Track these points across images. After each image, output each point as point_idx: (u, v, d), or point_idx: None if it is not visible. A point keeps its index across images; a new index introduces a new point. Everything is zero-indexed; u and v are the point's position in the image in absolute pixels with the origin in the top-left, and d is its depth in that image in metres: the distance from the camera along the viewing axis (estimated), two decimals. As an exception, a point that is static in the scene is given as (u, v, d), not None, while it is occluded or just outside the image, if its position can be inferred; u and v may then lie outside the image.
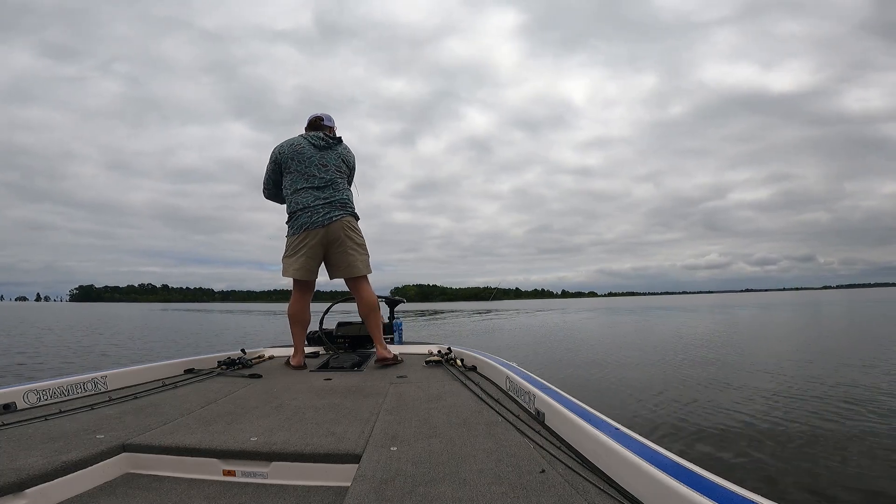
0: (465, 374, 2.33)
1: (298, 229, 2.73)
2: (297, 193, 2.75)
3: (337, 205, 2.75)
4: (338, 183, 2.79)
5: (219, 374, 2.50)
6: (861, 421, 3.67)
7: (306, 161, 2.75)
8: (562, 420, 1.42)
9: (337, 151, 2.84)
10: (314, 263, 2.78)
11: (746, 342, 10.13)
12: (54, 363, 8.06)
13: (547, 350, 9.41)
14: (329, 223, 2.71)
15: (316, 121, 2.95)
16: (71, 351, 10.15)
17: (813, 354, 7.77)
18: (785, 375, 5.73)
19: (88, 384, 2.04)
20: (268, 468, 1.27)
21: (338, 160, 2.82)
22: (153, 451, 1.33)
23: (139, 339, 13.14)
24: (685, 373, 6.08)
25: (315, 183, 2.74)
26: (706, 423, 3.70)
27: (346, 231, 2.76)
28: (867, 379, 5.34)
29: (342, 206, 2.78)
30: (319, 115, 2.96)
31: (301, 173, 2.75)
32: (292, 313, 2.84)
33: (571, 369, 6.82)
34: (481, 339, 12.38)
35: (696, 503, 0.81)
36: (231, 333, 15.59)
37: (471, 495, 0.99)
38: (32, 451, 1.25)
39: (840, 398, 4.39)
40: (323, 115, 2.98)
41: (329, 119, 2.98)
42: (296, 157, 2.76)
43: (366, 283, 2.86)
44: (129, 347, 10.99)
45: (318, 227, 2.70)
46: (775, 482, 2.61)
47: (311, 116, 2.97)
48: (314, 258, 2.76)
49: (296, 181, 2.76)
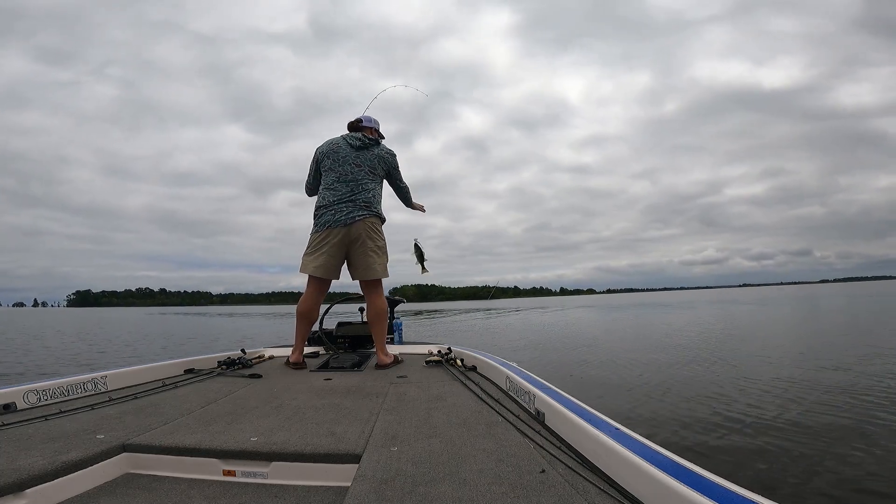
0: (465, 374, 2.33)
1: (322, 227, 2.74)
2: (326, 191, 2.78)
3: (361, 204, 2.74)
4: (365, 183, 2.78)
5: (219, 374, 2.50)
6: (859, 415, 3.67)
7: (340, 160, 2.78)
8: (562, 420, 1.42)
9: (373, 152, 2.83)
10: (333, 262, 2.76)
11: (747, 338, 10.12)
12: (51, 367, 8.03)
13: (547, 348, 9.41)
14: (351, 223, 2.71)
15: (356, 122, 2.95)
16: (62, 354, 10.04)
17: (814, 349, 7.76)
18: (786, 371, 5.74)
19: (88, 384, 2.04)
20: (268, 468, 1.27)
21: (373, 161, 2.82)
22: (153, 451, 1.33)
23: (130, 345, 12.46)
24: (687, 371, 6.08)
25: (343, 181, 2.75)
26: (706, 421, 3.70)
27: (368, 232, 2.75)
28: (869, 371, 5.36)
29: (366, 207, 2.76)
30: (359, 118, 2.96)
31: (333, 171, 2.78)
32: (302, 310, 2.81)
33: (571, 367, 6.82)
34: (480, 339, 12.38)
35: (696, 503, 0.81)
36: (228, 336, 15.33)
37: (471, 495, 0.99)
38: (32, 451, 1.25)
39: (846, 392, 4.40)
40: (363, 117, 2.97)
41: (369, 120, 2.97)
42: (331, 156, 2.79)
43: (380, 287, 2.85)
44: (120, 354, 10.58)
45: (339, 225, 2.70)
46: (775, 481, 2.61)
47: (351, 121, 2.97)
48: (334, 256, 2.75)
49: (327, 179, 2.79)
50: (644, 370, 6.29)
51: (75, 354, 10.14)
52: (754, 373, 5.78)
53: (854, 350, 7.37)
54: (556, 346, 9.97)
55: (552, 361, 7.63)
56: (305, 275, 2.79)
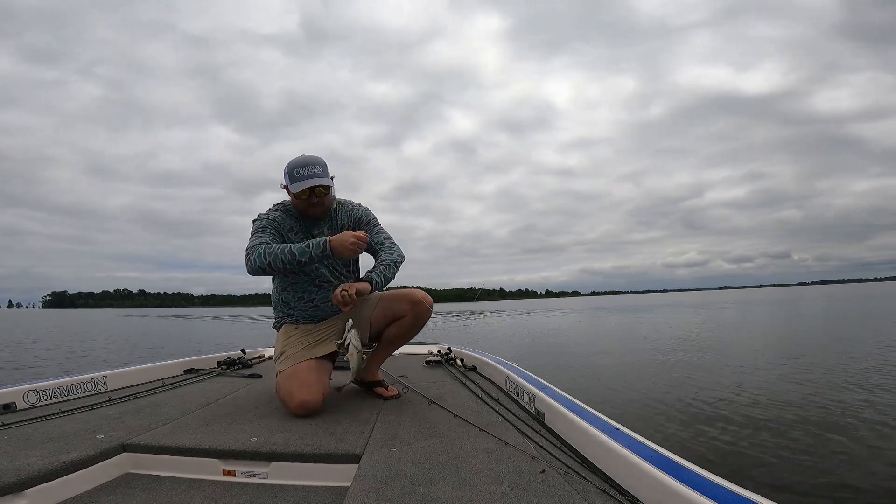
0: (465, 374, 2.33)
1: None
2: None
3: None
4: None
5: (219, 374, 2.50)
6: (845, 412, 3.67)
7: None
8: (562, 420, 1.42)
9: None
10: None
11: (733, 340, 10.18)
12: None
13: (536, 352, 9.40)
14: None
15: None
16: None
17: (800, 349, 7.84)
18: (771, 370, 5.80)
19: (88, 384, 2.04)
20: (268, 468, 1.27)
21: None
22: (153, 451, 1.33)
23: (45, 360, 9.80)
24: (679, 373, 6.09)
25: None
26: (702, 419, 3.70)
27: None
28: (852, 369, 5.41)
29: None
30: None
31: None
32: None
33: (562, 371, 6.82)
34: (465, 341, 12.35)
35: (697, 503, 0.81)
36: (193, 345, 13.41)
37: (470, 495, 0.99)
38: (32, 451, 1.25)
39: (835, 389, 4.40)
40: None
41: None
42: None
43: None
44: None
45: None
46: (775, 478, 2.61)
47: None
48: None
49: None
50: (638, 371, 6.30)
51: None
52: (745, 373, 5.81)
53: (840, 350, 7.43)
54: (546, 348, 9.95)
55: (549, 364, 7.63)
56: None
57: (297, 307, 1.95)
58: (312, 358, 1.82)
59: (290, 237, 1.89)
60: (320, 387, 1.74)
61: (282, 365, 1.83)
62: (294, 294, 1.95)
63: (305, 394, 1.67)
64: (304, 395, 1.66)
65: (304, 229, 1.92)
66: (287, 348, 1.87)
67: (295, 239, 1.88)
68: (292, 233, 1.89)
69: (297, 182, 1.80)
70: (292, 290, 1.95)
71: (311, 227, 1.93)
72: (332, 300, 1.79)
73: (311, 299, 1.95)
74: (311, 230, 1.92)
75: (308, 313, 1.94)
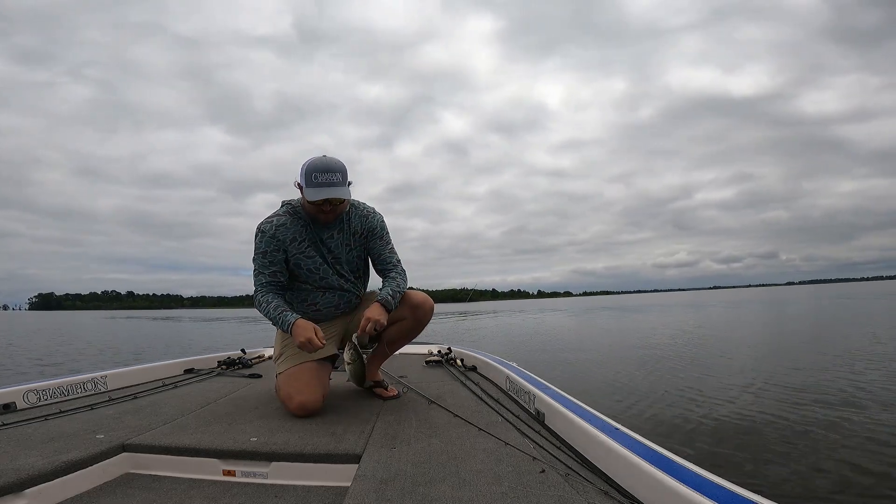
0: (465, 374, 2.33)
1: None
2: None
3: None
4: None
5: (219, 374, 2.50)
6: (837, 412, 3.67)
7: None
8: (562, 420, 1.42)
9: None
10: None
11: (729, 339, 10.18)
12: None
13: (535, 352, 9.41)
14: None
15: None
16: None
17: (797, 349, 7.87)
18: (769, 369, 5.81)
19: (88, 384, 2.04)
20: (268, 468, 1.27)
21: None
22: (153, 451, 1.33)
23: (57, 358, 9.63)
24: (678, 372, 6.09)
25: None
26: (699, 419, 3.70)
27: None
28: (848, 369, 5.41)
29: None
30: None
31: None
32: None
33: (562, 371, 6.82)
34: (465, 341, 12.36)
35: (696, 503, 0.81)
36: (179, 344, 13.22)
37: (470, 495, 0.99)
38: (32, 451, 1.25)
39: (829, 390, 4.41)
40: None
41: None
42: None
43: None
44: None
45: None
46: (775, 478, 2.61)
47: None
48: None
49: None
50: (635, 372, 6.30)
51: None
52: (739, 372, 5.82)
53: (837, 350, 7.44)
54: (539, 348, 9.96)
55: (548, 360, 7.64)
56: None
57: (299, 309, 1.93)
58: (312, 359, 1.81)
59: (294, 248, 1.83)
60: (320, 388, 1.74)
61: (282, 366, 1.82)
62: (296, 296, 1.94)
63: (305, 395, 1.66)
64: (303, 397, 1.66)
65: (312, 234, 1.86)
66: (287, 349, 1.86)
67: (300, 249, 1.84)
68: (296, 243, 1.83)
69: (312, 188, 1.68)
70: (294, 293, 1.94)
71: (321, 232, 1.87)
72: (358, 330, 1.76)
73: (314, 302, 1.94)
74: (321, 234, 1.87)
75: (309, 316, 1.91)
